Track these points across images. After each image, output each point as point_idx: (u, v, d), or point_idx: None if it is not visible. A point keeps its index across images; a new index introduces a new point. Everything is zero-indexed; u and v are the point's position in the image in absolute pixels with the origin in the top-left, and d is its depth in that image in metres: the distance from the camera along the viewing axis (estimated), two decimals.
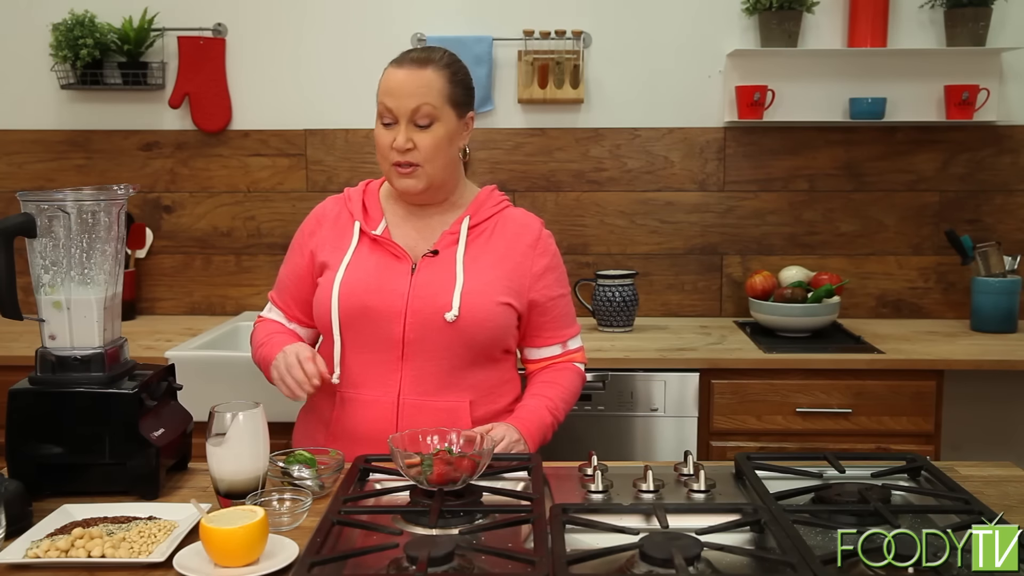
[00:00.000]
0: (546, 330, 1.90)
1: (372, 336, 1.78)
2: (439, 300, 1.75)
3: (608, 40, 3.17)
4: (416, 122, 1.76)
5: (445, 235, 1.83)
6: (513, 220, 1.89)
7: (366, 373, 1.79)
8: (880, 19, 3.03)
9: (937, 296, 3.24)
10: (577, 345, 1.96)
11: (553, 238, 1.94)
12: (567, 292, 1.94)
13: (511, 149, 3.21)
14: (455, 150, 1.83)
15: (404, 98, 1.75)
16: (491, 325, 1.78)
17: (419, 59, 1.78)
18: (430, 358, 1.77)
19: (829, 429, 2.64)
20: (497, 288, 1.79)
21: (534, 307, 1.86)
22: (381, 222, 1.86)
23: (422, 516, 1.37)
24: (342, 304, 1.78)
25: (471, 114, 1.84)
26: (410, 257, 1.81)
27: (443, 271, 1.79)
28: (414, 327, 1.76)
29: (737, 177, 3.21)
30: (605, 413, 2.66)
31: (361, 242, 1.83)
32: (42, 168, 3.26)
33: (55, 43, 3.08)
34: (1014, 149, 3.17)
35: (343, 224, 1.87)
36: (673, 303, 3.26)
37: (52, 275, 1.53)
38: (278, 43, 3.20)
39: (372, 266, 1.80)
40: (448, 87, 1.77)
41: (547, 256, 1.88)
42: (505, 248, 1.84)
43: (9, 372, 2.09)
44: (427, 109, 1.75)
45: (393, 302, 1.77)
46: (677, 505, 1.44)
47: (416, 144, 1.76)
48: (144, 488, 1.51)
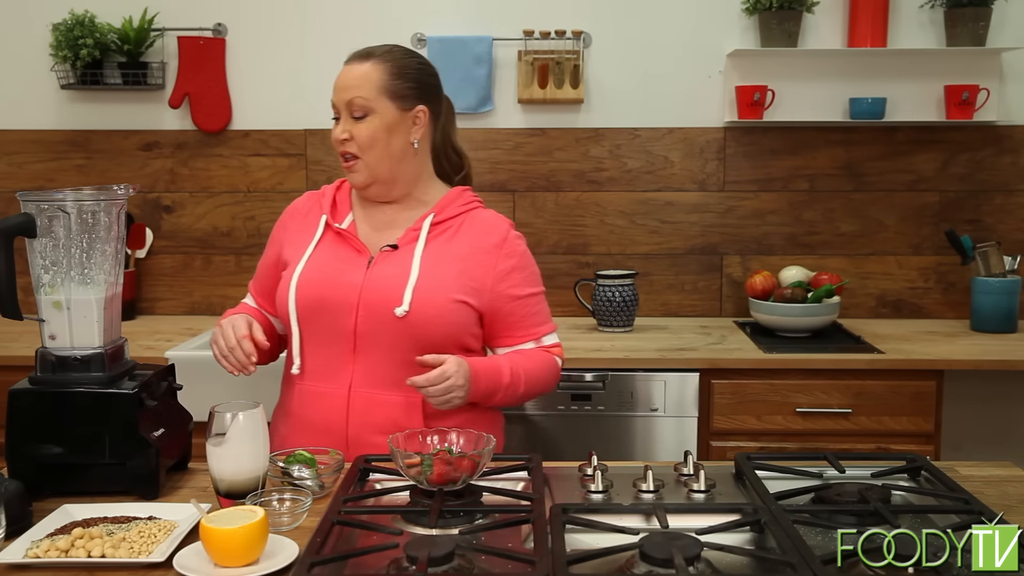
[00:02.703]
0: (517, 329, 1.87)
1: (327, 328, 1.78)
2: (391, 294, 1.74)
3: (608, 40, 3.17)
4: (352, 114, 1.79)
5: (408, 231, 1.83)
6: (481, 220, 1.87)
7: (322, 365, 1.80)
8: (880, 19, 3.03)
9: (937, 296, 3.24)
10: (553, 341, 1.93)
11: (524, 240, 1.91)
12: (538, 292, 1.91)
13: (511, 149, 3.21)
14: (400, 143, 1.82)
15: (341, 91, 1.81)
16: (443, 322, 1.76)
17: (362, 54, 1.83)
18: (381, 352, 1.76)
19: (829, 429, 2.64)
20: (453, 286, 1.77)
21: (499, 308, 1.83)
22: (348, 216, 1.89)
23: (422, 516, 1.37)
24: (299, 296, 1.79)
25: (421, 108, 1.83)
26: (370, 251, 1.82)
27: (399, 266, 1.78)
28: (365, 320, 1.76)
29: (737, 177, 3.21)
30: (605, 413, 2.66)
31: (325, 235, 1.86)
32: (42, 168, 3.26)
33: (55, 43, 3.08)
34: (1014, 149, 3.17)
35: (313, 218, 1.90)
36: (673, 303, 3.26)
37: (52, 275, 1.53)
38: (278, 43, 3.20)
39: (331, 259, 1.82)
40: (386, 79, 1.79)
41: (514, 257, 1.86)
42: (468, 247, 1.83)
43: (9, 372, 2.09)
44: (359, 101, 1.78)
45: (347, 294, 1.77)
46: (677, 505, 1.44)
47: (352, 135, 1.80)
48: (144, 488, 1.51)
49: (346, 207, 1.91)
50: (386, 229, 1.86)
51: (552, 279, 3.24)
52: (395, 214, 1.87)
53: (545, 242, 3.24)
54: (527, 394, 1.86)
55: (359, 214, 1.90)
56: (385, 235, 1.85)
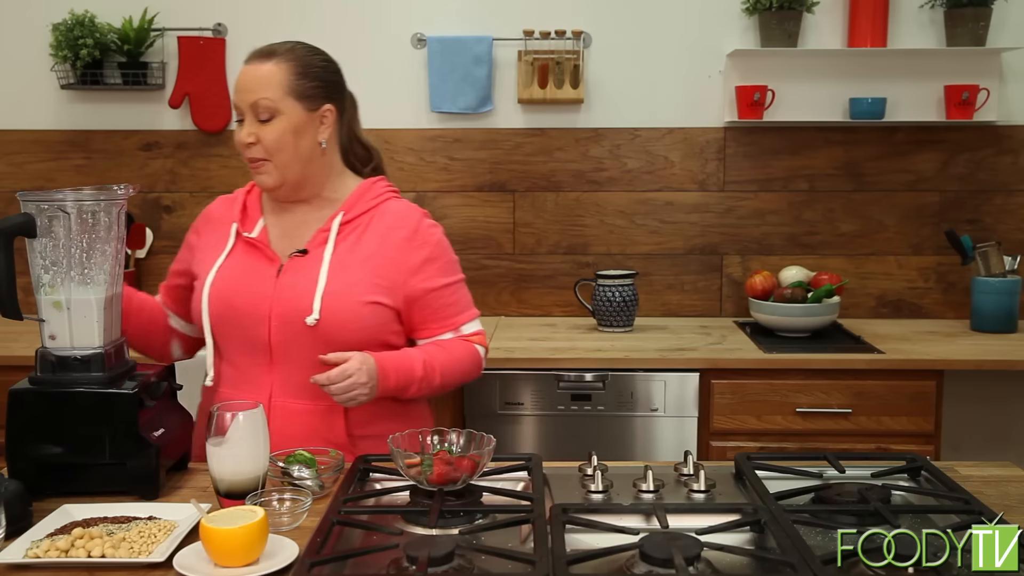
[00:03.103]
0: (434, 320, 1.82)
1: (242, 339, 1.75)
2: (301, 303, 1.71)
3: (608, 40, 3.17)
4: (258, 116, 1.73)
5: (318, 233, 1.78)
6: (391, 213, 1.82)
7: (242, 376, 1.76)
8: (880, 19, 3.03)
9: (937, 296, 3.24)
10: (474, 330, 1.87)
11: (439, 228, 1.86)
12: (455, 281, 1.85)
13: (511, 149, 3.21)
14: (308, 144, 1.77)
15: (244, 92, 1.74)
16: (356, 327, 1.73)
17: (264, 53, 1.76)
18: (298, 361, 1.73)
19: (829, 429, 2.64)
20: (363, 288, 1.74)
21: (414, 301, 1.79)
22: (259, 223, 1.83)
23: (422, 516, 1.37)
24: (212, 307, 1.76)
25: (328, 107, 1.79)
26: (280, 258, 1.77)
27: (308, 272, 1.74)
28: (279, 330, 1.72)
29: (737, 177, 3.21)
30: (605, 413, 2.66)
31: (236, 245, 1.80)
32: (42, 168, 3.26)
33: (55, 43, 3.08)
34: (1014, 149, 3.17)
35: (225, 226, 1.84)
36: (673, 303, 3.26)
37: (52, 275, 1.53)
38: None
39: (241, 269, 1.77)
40: (290, 79, 1.73)
41: (426, 248, 1.80)
42: (378, 244, 1.78)
43: (9, 372, 2.09)
44: (265, 103, 1.72)
45: (257, 305, 1.73)
46: (677, 505, 1.44)
47: (259, 138, 1.73)
48: (144, 488, 1.51)
49: (257, 213, 1.85)
50: (297, 232, 1.81)
51: (552, 279, 3.25)
52: (306, 215, 1.82)
53: (545, 242, 3.24)
54: (444, 385, 1.81)
55: (270, 219, 1.84)
56: (296, 239, 1.80)
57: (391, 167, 3.27)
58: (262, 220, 1.83)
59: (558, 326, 3.10)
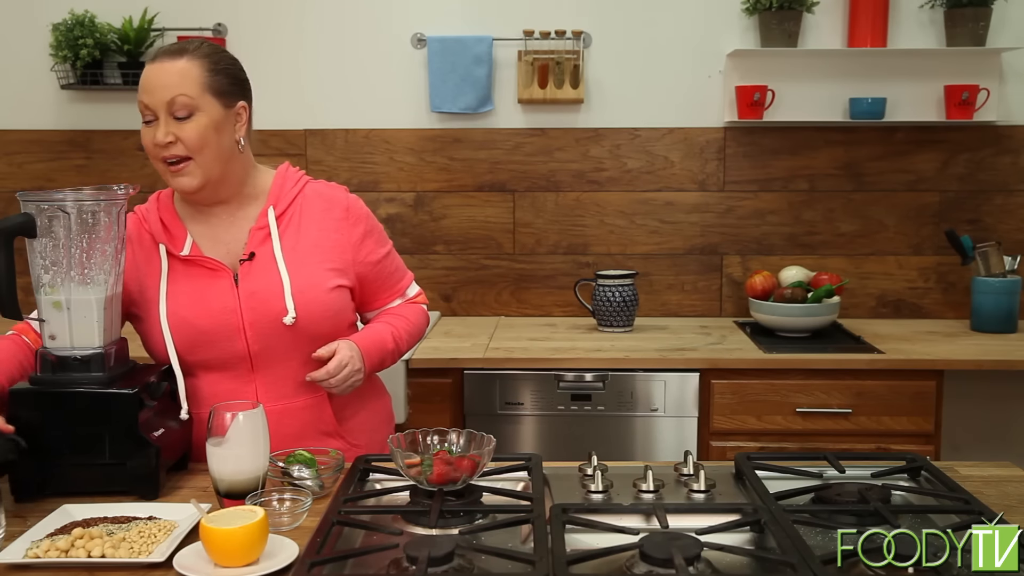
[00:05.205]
0: (383, 291, 1.88)
1: (217, 358, 1.72)
2: (272, 306, 1.69)
3: (608, 40, 3.17)
4: (175, 114, 1.65)
5: (254, 232, 1.74)
6: (318, 196, 1.81)
7: (224, 392, 1.71)
8: (880, 19, 3.03)
9: (937, 296, 3.24)
10: (416, 291, 1.95)
11: (360, 200, 1.87)
12: (390, 247, 1.89)
13: (511, 149, 3.21)
14: (227, 142, 1.72)
15: (158, 91, 1.65)
16: (329, 315, 1.74)
17: (173, 51, 1.70)
18: (280, 363, 1.73)
19: (829, 429, 2.64)
20: (323, 275, 1.74)
21: (364, 276, 1.82)
22: (186, 239, 1.74)
23: (422, 516, 1.37)
24: (176, 337, 1.69)
25: (242, 104, 1.74)
26: (227, 268, 1.72)
27: (266, 274, 1.71)
28: (256, 339, 1.70)
29: (737, 177, 3.21)
30: (605, 413, 2.66)
31: (172, 266, 1.72)
32: (42, 168, 3.26)
33: (55, 43, 3.08)
34: (1014, 149, 3.17)
35: (147, 248, 1.75)
36: (673, 303, 3.26)
37: (52, 275, 1.53)
38: (278, 43, 3.20)
39: (192, 289, 1.71)
40: (206, 76, 1.68)
41: (361, 222, 1.82)
42: (318, 230, 1.77)
43: None
44: (183, 100, 1.65)
45: (227, 320, 1.69)
46: (677, 505, 1.44)
47: (179, 137, 1.65)
48: (144, 488, 1.51)
49: (178, 227, 1.75)
50: (228, 235, 1.76)
51: (552, 279, 3.25)
52: (231, 215, 1.77)
53: (545, 242, 3.24)
54: (406, 350, 1.90)
55: (195, 229, 1.76)
56: (230, 243, 1.76)
57: (391, 167, 3.29)
58: (188, 237, 1.75)
59: (558, 326, 3.10)
